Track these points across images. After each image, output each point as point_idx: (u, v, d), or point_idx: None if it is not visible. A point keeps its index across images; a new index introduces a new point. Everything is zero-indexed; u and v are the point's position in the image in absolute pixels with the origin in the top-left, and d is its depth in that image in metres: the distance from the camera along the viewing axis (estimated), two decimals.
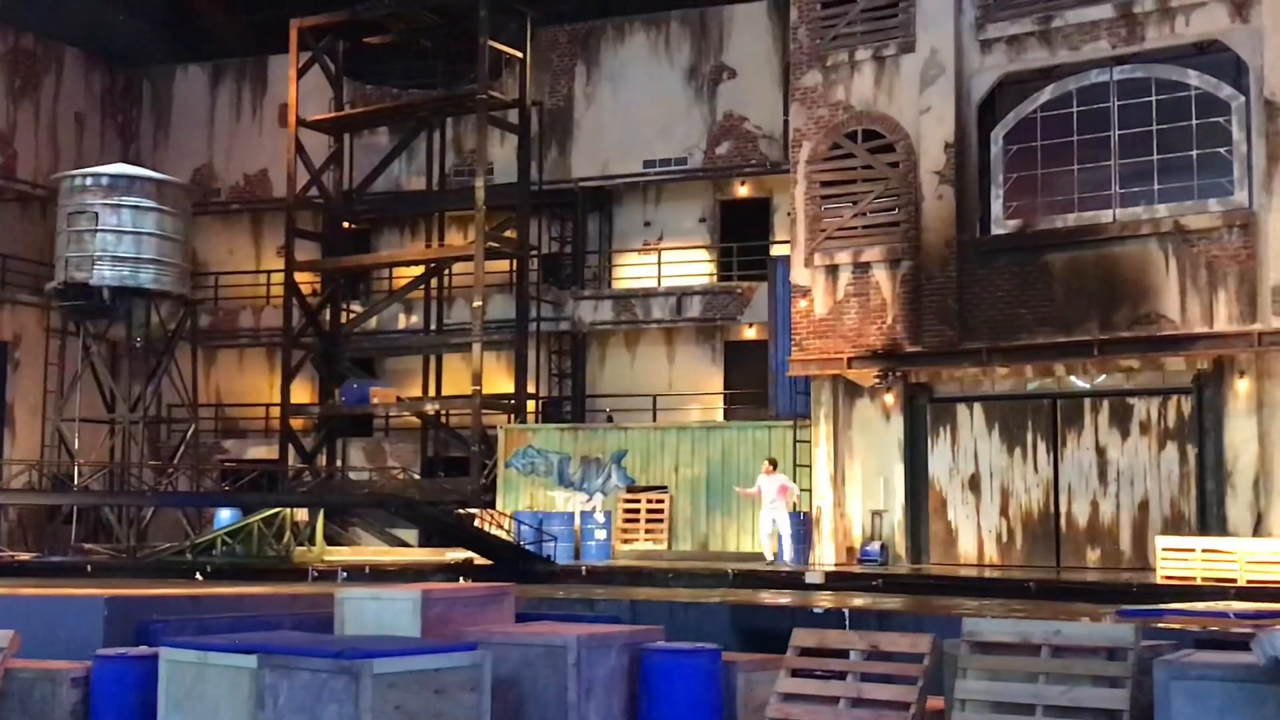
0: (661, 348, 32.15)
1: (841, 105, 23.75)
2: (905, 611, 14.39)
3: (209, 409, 34.45)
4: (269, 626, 11.08)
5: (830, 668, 9.63)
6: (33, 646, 10.90)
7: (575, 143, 33.34)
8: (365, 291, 35.33)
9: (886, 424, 23.35)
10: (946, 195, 22.58)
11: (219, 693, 9.18)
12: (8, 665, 10.63)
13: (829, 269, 23.50)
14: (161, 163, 35.81)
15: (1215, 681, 8.27)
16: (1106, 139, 21.68)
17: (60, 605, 12.54)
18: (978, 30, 22.77)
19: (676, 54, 32.62)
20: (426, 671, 8.70)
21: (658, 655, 10.10)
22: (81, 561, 24.89)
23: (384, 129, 34.66)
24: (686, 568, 22.25)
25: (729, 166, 31.98)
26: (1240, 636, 9.58)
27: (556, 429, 28.79)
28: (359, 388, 32.07)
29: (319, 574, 22.12)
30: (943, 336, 22.35)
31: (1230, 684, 8.21)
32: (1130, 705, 8.45)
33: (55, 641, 11.20)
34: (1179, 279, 20.77)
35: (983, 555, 22.60)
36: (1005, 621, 10.08)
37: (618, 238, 33.23)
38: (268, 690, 8.71)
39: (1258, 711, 8.04)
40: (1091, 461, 22.05)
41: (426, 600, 10.58)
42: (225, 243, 36.44)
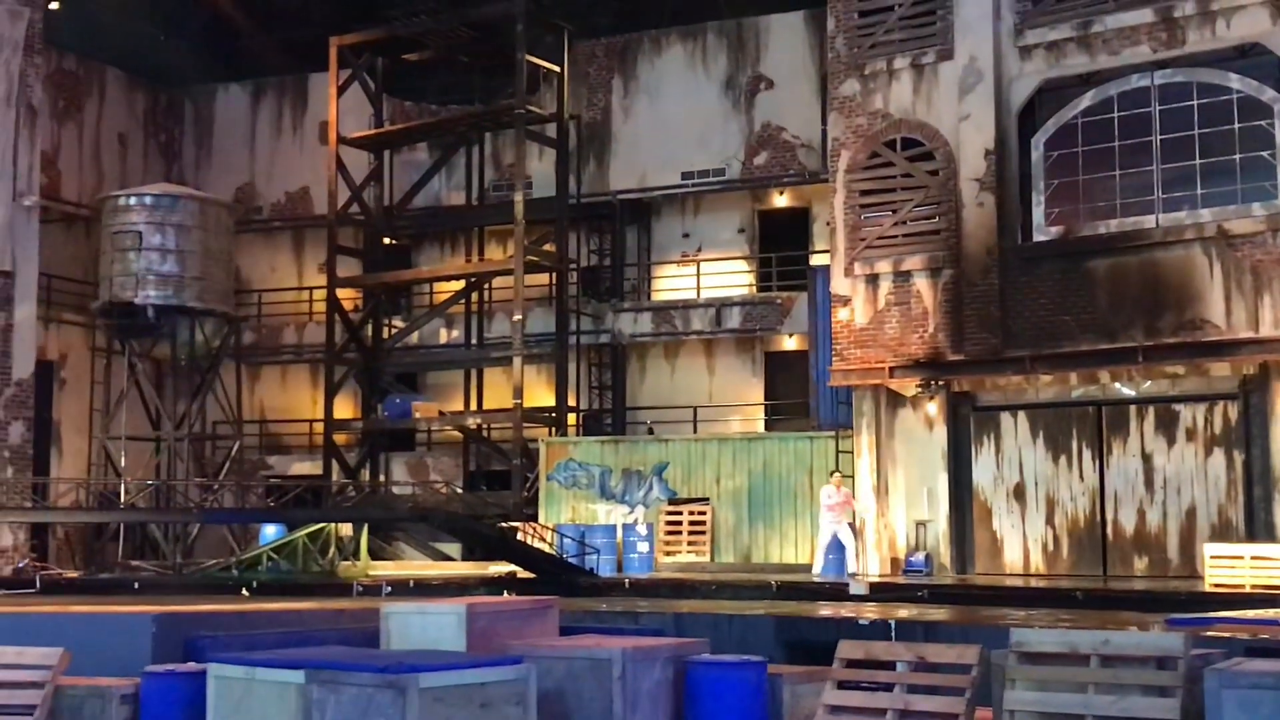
0: (701, 359, 32.12)
1: (880, 114, 23.69)
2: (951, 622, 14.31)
3: (253, 425, 34.66)
4: (315, 642, 11.12)
5: (877, 679, 9.59)
6: (82, 664, 10.99)
7: (613, 156, 33.39)
8: (406, 307, 35.49)
9: (929, 433, 23.23)
10: (987, 203, 22.47)
11: (267, 708, 9.22)
12: (58, 683, 10.72)
13: (869, 278, 23.42)
14: (204, 181, 36.15)
15: (1267, 690, 8.19)
16: (1148, 144, 21.51)
17: (109, 622, 12.63)
18: (1016, 36, 22.66)
19: (713, 65, 32.63)
20: (472, 685, 8.71)
21: (703, 668, 10.08)
22: (129, 579, 25.07)
23: (423, 145, 34.84)
24: (730, 580, 22.21)
25: (767, 177, 31.94)
26: None
27: (597, 442, 28.81)
28: (401, 402, 32.20)
29: (364, 589, 22.18)
30: (985, 345, 22.22)
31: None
32: (1181, 714, 8.38)
33: (104, 659, 11.28)
34: (1223, 284, 20.58)
35: (1029, 565, 22.44)
36: (1053, 632, 10.00)
37: (656, 250, 33.25)
38: (315, 705, 8.75)
39: None
40: (1138, 469, 21.88)
41: (471, 614, 10.59)
42: (268, 260, 36.71)
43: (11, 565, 26.79)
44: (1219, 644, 10.07)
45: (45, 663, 10.80)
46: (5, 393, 28.10)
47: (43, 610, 14.00)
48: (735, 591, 20.59)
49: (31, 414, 28.86)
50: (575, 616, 13.61)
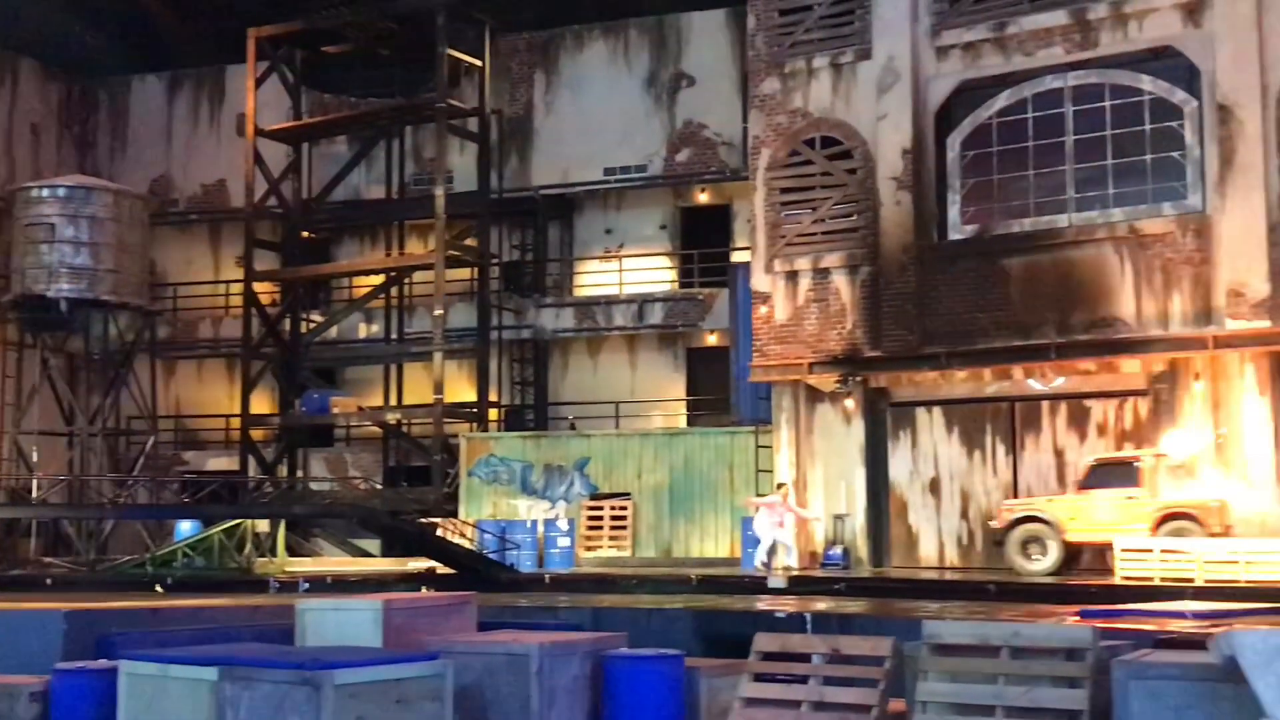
0: (623, 355, 32.17)
1: (800, 112, 23.86)
2: (866, 615, 14.47)
3: (168, 421, 34.23)
4: (230, 638, 11.03)
5: (793, 672, 9.68)
6: None
7: (535, 151, 33.33)
8: (325, 301, 35.19)
9: (847, 429, 23.44)
10: (904, 201, 22.71)
11: (179, 705, 9.14)
12: None
13: (789, 275, 23.59)
14: (119, 173, 35.61)
15: (1173, 681, 8.37)
16: (1061, 144, 21.86)
17: (19, 619, 12.45)
18: (933, 37, 22.92)
19: (636, 62, 32.68)
20: (388, 682, 8.69)
21: (620, 662, 10.13)
22: (41, 575, 24.68)
23: (343, 138, 34.55)
24: (650, 574, 22.26)
25: (689, 173, 32.05)
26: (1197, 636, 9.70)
27: (519, 437, 28.75)
28: (319, 397, 31.93)
29: (281, 585, 22.01)
30: (902, 341, 22.47)
31: (1187, 683, 8.30)
32: (1089, 705, 8.53)
33: (14, 655, 11.14)
34: (1134, 283, 20.97)
35: (944, 558, 22.72)
36: (965, 624, 10.16)
37: (579, 245, 33.23)
38: (228, 702, 8.68)
39: (1214, 710, 8.14)
40: (1050, 464, 22.22)
41: (388, 610, 10.57)
42: (183, 253, 36.21)
43: None
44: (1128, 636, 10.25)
45: None
46: None
47: None
48: (655, 586, 20.63)
49: None
50: (494, 612, 13.60)
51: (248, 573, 24.44)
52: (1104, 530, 20.21)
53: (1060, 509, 20.70)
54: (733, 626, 13.64)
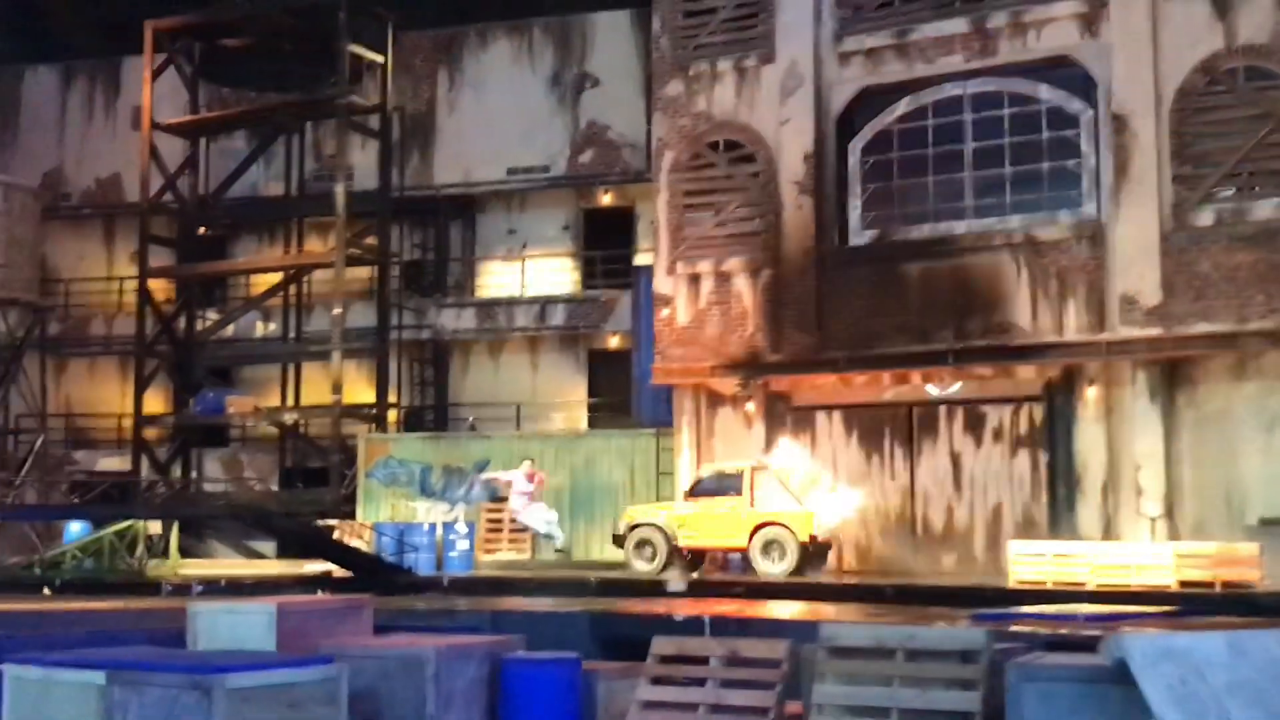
0: (525, 356, 32.05)
1: (703, 115, 23.93)
2: (765, 618, 14.52)
3: (59, 419, 33.50)
4: (119, 642, 10.79)
5: (690, 674, 9.67)
6: None
7: (437, 149, 33.11)
8: (222, 299, 34.66)
9: (749, 432, 23.54)
10: (806, 205, 22.87)
11: (67, 710, 8.92)
12: None
13: (691, 278, 23.65)
14: (8, 165, 34.74)
15: (1064, 682, 8.48)
16: (960, 151, 22.15)
17: None
18: (836, 43, 23.11)
19: (539, 61, 32.58)
20: (281, 685, 8.56)
21: (517, 665, 10.07)
22: None
23: (241, 133, 34.06)
24: (549, 577, 22.18)
25: (592, 175, 32.01)
26: (1089, 639, 9.85)
27: (418, 438, 28.54)
28: (214, 397, 31.42)
29: (173, 588, 21.62)
30: (802, 345, 22.62)
31: (1078, 685, 8.42)
32: (983, 707, 8.62)
33: None
34: (1030, 289, 21.29)
35: (842, 562, 22.87)
36: (862, 626, 10.23)
37: (481, 246, 33.06)
38: (117, 707, 8.49)
39: (1104, 711, 8.25)
40: (947, 468, 22.48)
41: (282, 613, 10.41)
42: (76, 248, 35.46)
43: None
44: (1021, 639, 10.40)
45: None
46: None
47: None
48: (555, 589, 20.57)
49: None
50: (391, 615, 13.43)
51: (140, 575, 23.99)
52: (709, 536, 22.13)
53: (671, 516, 22.34)
54: (631, 629, 13.62)
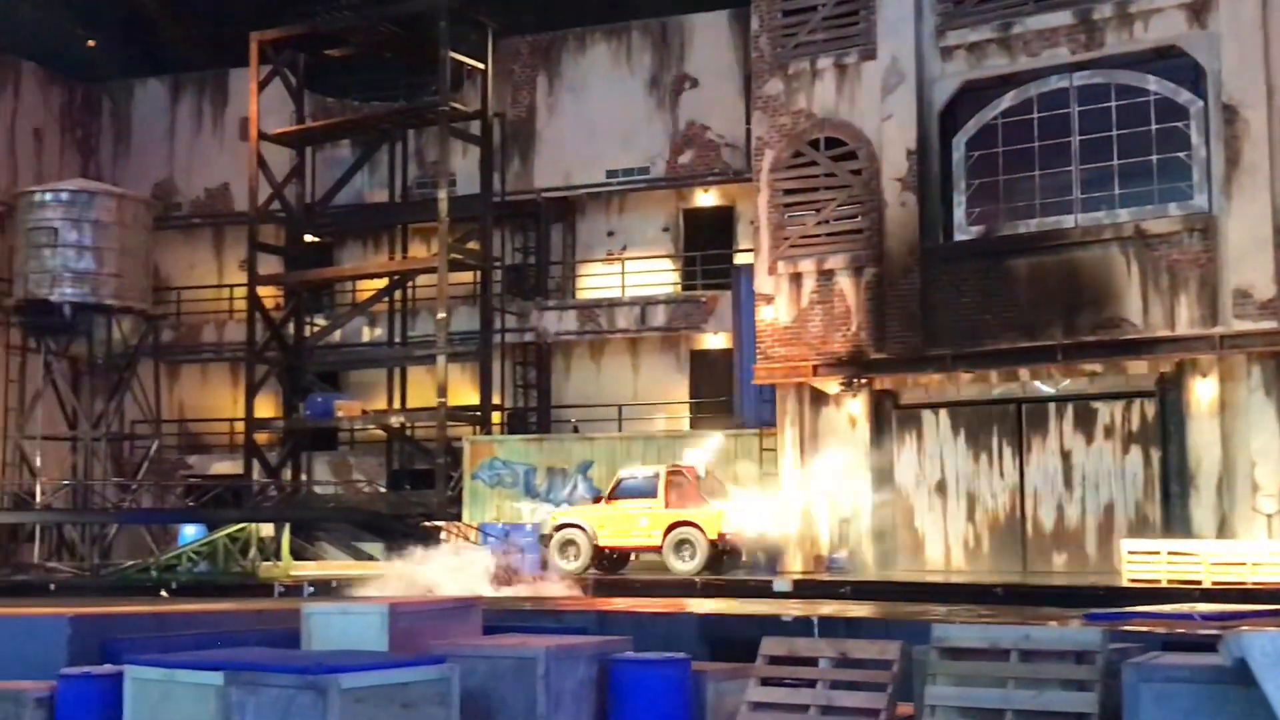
0: (626, 357, 32.11)
1: (803, 113, 23.82)
2: (873, 618, 14.40)
3: (172, 425, 34.19)
4: (235, 643, 10.97)
5: (799, 676, 9.62)
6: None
7: (537, 154, 33.29)
8: (329, 305, 35.17)
9: (852, 431, 23.39)
10: (909, 202, 22.66)
11: (185, 711, 9.09)
12: None
13: (793, 277, 23.54)
14: (122, 178, 35.58)
15: (1182, 683, 8.30)
16: (1067, 144, 21.81)
17: (24, 625, 12.39)
18: (938, 38, 22.88)
19: (638, 64, 32.64)
20: (394, 685, 8.64)
21: (626, 666, 10.07)
22: (45, 580, 24.65)
23: (346, 142, 34.54)
24: (654, 578, 22.20)
25: (692, 175, 31.99)
26: (1206, 638, 9.63)
27: (522, 440, 28.72)
28: (323, 401, 31.91)
29: (285, 589, 21.95)
30: (907, 343, 22.41)
31: (1197, 685, 8.24)
32: (1099, 708, 8.48)
33: (19, 661, 11.07)
34: (1140, 283, 20.90)
35: (950, 561, 22.67)
36: (974, 627, 10.09)
37: (581, 248, 33.19)
38: (234, 707, 8.63)
39: (1223, 712, 8.08)
40: (1057, 466, 22.17)
41: (393, 614, 10.51)
42: (187, 257, 36.19)
43: None
44: (1136, 638, 10.19)
45: None
46: None
47: None
48: (659, 589, 20.58)
49: None
50: (499, 616, 13.52)
51: (252, 577, 24.40)
52: (626, 536, 23.24)
53: (594, 517, 23.44)
54: (738, 630, 13.58)
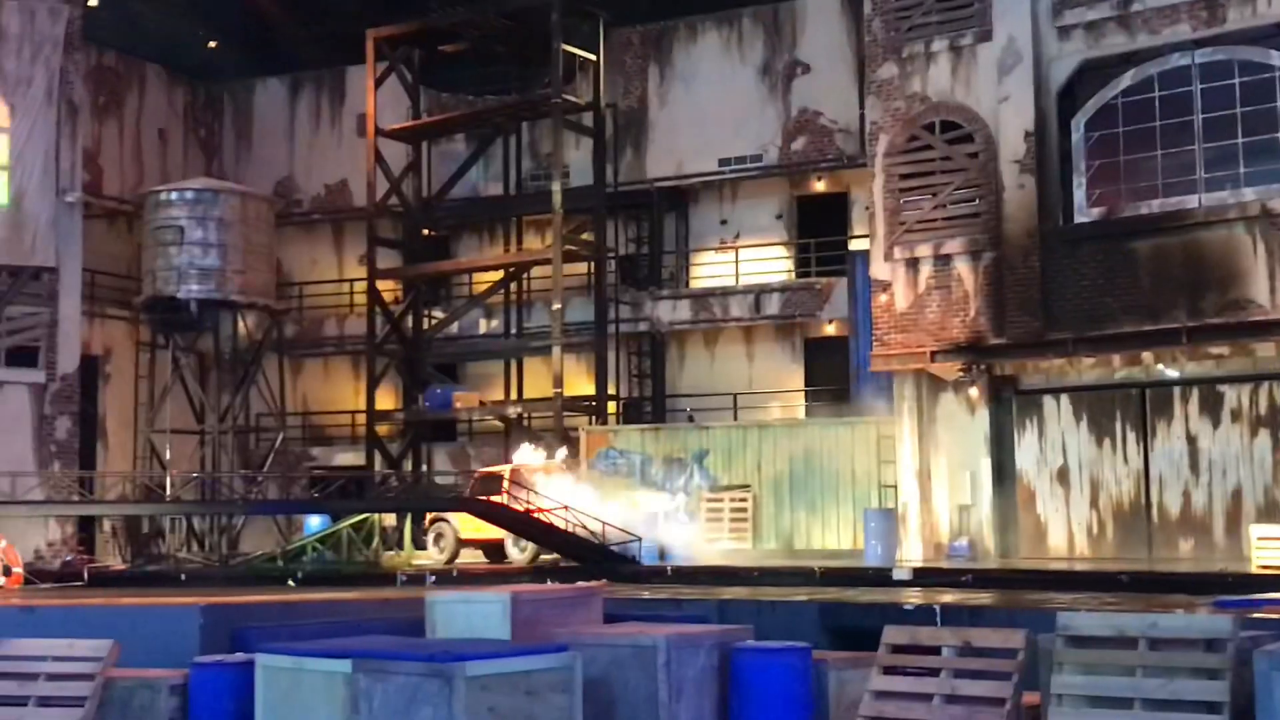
0: (741, 346, 32.06)
1: (918, 97, 23.56)
2: (997, 607, 14.24)
3: (296, 417, 34.86)
4: (361, 631, 11.19)
5: (923, 665, 9.56)
6: (131, 655, 11.09)
7: (650, 143, 33.34)
8: (446, 297, 35.59)
9: (972, 418, 23.12)
10: (1028, 184, 22.32)
11: (314, 698, 9.29)
12: (108, 674, 10.82)
13: (909, 262, 23.31)
14: (244, 175, 36.35)
15: None
16: (1190, 123, 21.32)
17: (157, 614, 12.76)
18: (1055, 17, 22.49)
19: (749, 51, 32.52)
20: (518, 673, 8.75)
21: (748, 654, 10.08)
22: (175, 570, 25.31)
23: (461, 136, 34.90)
24: (772, 566, 22.19)
25: (805, 162, 31.80)
26: None
27: (638, 430, 28.84)
28: (442, 393, 32.31)
29: (408, 578, 22.31)
30: (1027, 328, 22.09)
31: None
32: (1230, 696, 8.32)
33: (153, 650, 11.39)
34: (1268, 263, 20.35)
35: (1073, 548, 22.33)
36: (1100, 615, 9.95)
37: (694, 237, 33.18)
38: (362, 694, 8.81)
39: None
40: (1182, 451, 21.72)
41: (516, 602, 10.62)
42: (308, 253, 36.87)
43: (59, 558, 27.09)
44: (1267, 625, 9.98)
45: (95, 655, 10.91)
46: (51, 388, 28.41)
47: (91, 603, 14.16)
48: (778, 578, 20.56)
49: (77, 409, 29.18)
50: (619, 604, 13.60)
51: (375, 566, 24.84)
52: (481, 529, 24.89)
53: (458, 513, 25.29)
54: (858, 619, 13.53)
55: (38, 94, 28.42)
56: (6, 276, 28.10)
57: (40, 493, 26.41)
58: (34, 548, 26.82)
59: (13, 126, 28.13)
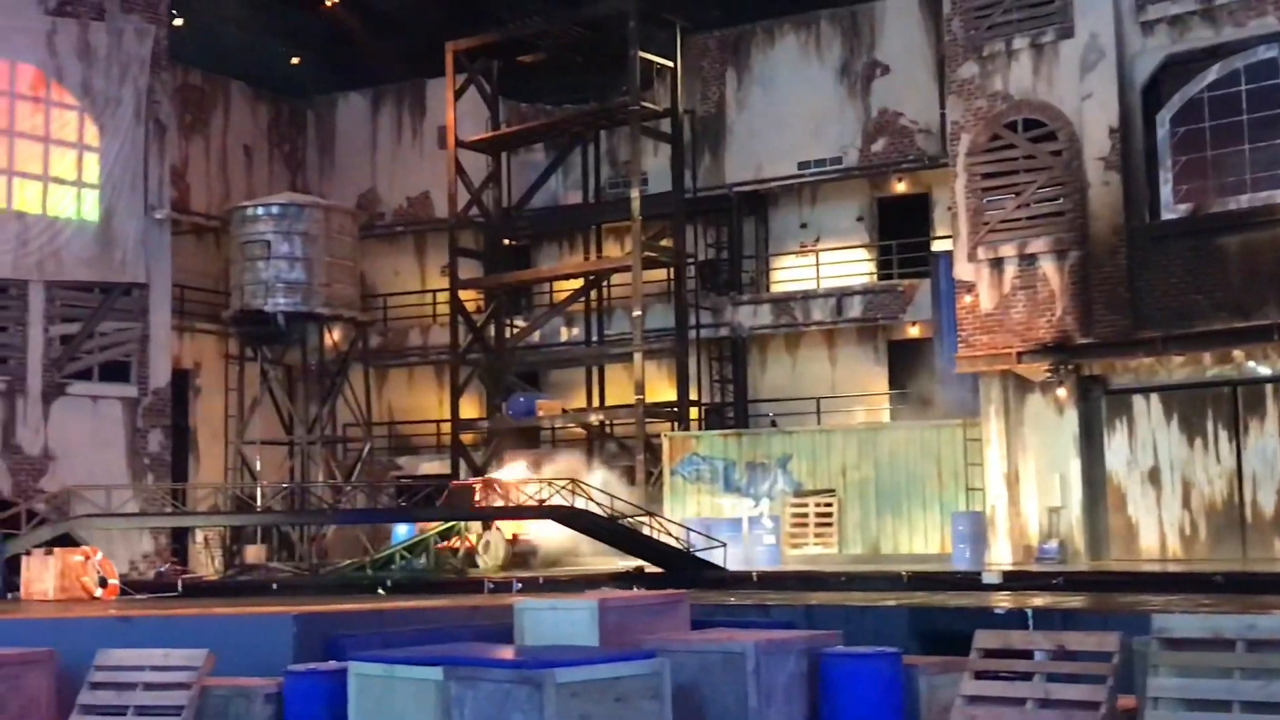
0: (823, 349, 31.92)
1: (1000, 95, 23.36)
2: (1089, 610, 14.06)
3: (382, 426, 35.20)
4: (451, 638, 11.28)
5: (1015, 669, 9.47)
6: (226, 664, 11.26)
7: (728, 148, 33.31)
8: (527, 306, 35.79)
9: (1060, 418, 22.84)
10: (1113, 182, 22.05)
11: (407, 705, 9.37)
12: (204, 683, 11.00)
13: (993, 262, 23.10)
14: (327, 189, 36.81)
15: None
16: (1278, 116, 20.94)
17: (251, 623, 12.93)
18: (1138, 12, 22.21)
19: (827, 53, 32.40)
20: (608, 680, 8.77)
21: (837, 660, 10.04)
22: (267, 580, 25.59)
23: (540, 145, 35.09)
24: (859, 571, 22.03)
25: (885, 163, 31.62)
26: None
27: (720, 435, 28.80)
28: (525, 401, 32.47)
29: (494, 585, 22.41)
30: (1115, 326, 21.81)
31: None
32: None
33: (247, 659, 11.54)
34: None
35: (1165, 549, 21.99)
36: (1196, 617, 9.80)
37: (774, 241, 33.11)
38: (454, 701, 8.87)
39: None
40: (1276, 449, 21.33)
41: (603, 609, 10.66)
42: (391, 264, 37.26)
43: (154, 569, 27.54)
44: None
45: (191, 664, 11.09)
46: (144, 402, 28.91)
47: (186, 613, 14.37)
48: (865, 583, 20.41)
49: (169, 422, 29.66)
50: (705, 610, 13.61)
51: (462, 573, 24.98)
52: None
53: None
54: (948, 623, 13.40)
55: (126, 113, 28.96)
56: (98, 293, 28.63)
57: (134, 505, 26.87)
58: (129, 559, 27.31)
59: (102, 146, 28.68)
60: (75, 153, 28.41)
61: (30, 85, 27.94)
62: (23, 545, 22.75)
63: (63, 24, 28.29)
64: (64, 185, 28.22)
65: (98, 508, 25.10)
